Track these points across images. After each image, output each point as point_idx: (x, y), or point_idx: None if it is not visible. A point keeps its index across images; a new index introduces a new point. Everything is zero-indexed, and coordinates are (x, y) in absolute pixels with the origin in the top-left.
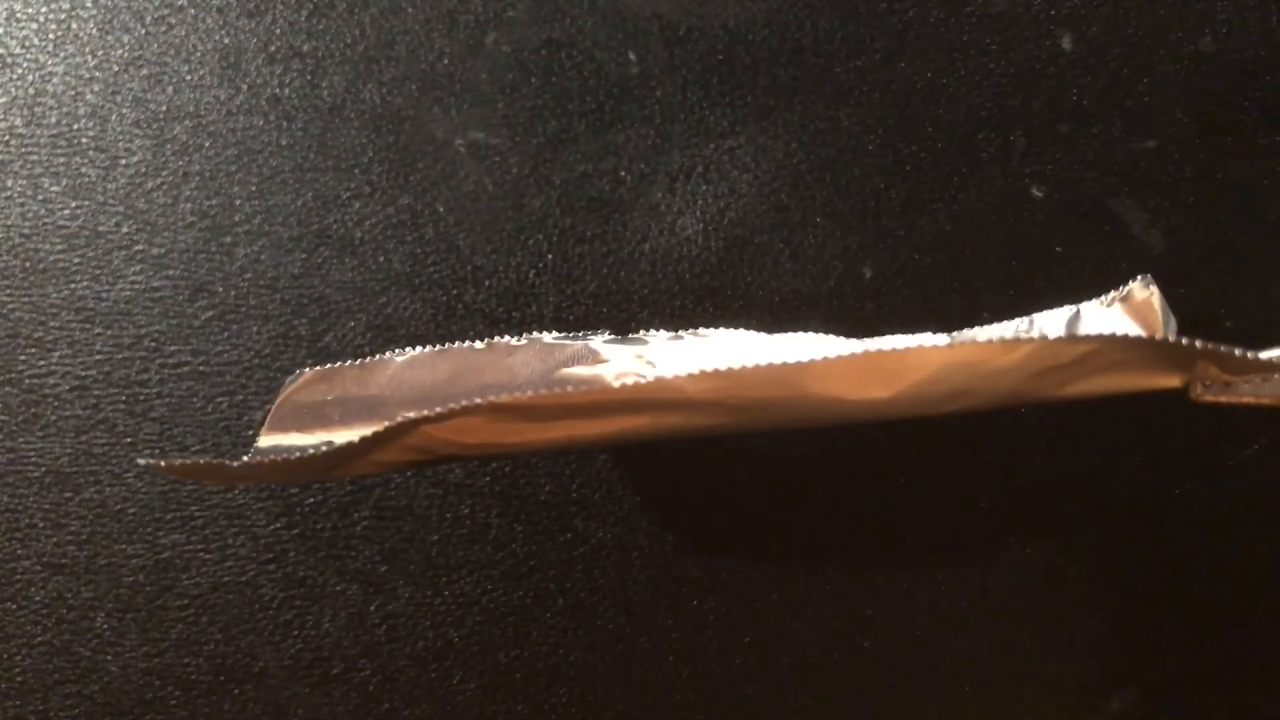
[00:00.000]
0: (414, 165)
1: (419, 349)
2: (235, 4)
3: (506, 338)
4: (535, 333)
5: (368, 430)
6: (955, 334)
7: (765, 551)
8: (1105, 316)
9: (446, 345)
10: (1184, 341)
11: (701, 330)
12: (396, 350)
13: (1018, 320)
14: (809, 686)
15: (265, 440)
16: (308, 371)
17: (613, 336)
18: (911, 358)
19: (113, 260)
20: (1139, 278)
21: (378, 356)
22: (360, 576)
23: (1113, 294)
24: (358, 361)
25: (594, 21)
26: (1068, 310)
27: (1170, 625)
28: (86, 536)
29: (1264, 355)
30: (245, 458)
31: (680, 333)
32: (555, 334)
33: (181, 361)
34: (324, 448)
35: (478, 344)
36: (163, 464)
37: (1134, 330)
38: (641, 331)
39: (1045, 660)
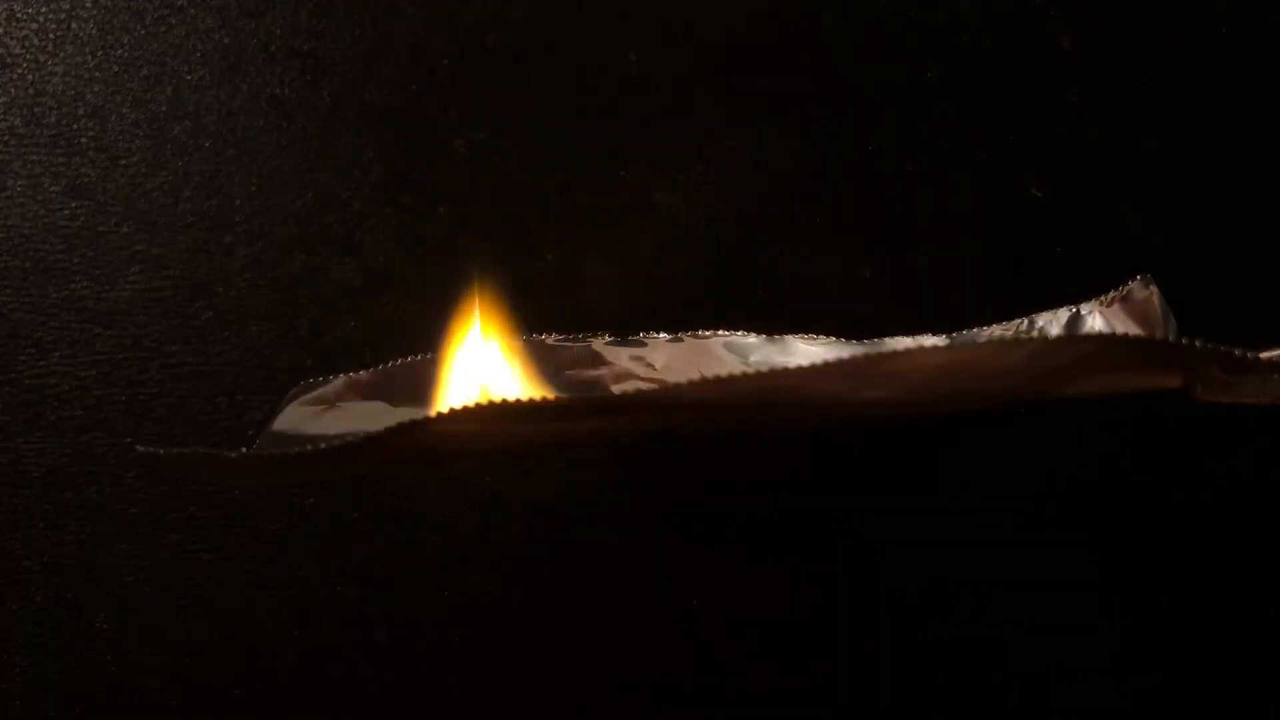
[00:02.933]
0: (414, 165)
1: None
2: (235, 4)
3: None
4: (535, 334)
5: (369, 430)
6: (955, 334)
7: (765, 551)
8: (1105, 316)
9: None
10: (1184, 341)
11: (701, 332)
12: (397, 353)
13: (1018, 320)
14: (809, 686)
15: (266, 439)
16: (311, 381)
17: (613, 338)
18: (911, 358)
19: (113, 260)
20: (1139, 277)
21: (380, 363)
22: (360, 576)
23: (1113, 294)
24: (360, 373)
25: (594, 22)
26: (1068, 310)
27: (1170, 625)
28: (87, 536)
29: (1264, 355)
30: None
31: (680, 335)
32: (556, 335)
33: (181, 361)
34: (324, 445)
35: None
36: (161, 453)
37: (1134, 330)
38: (641, 333)
39: (1045, 660)
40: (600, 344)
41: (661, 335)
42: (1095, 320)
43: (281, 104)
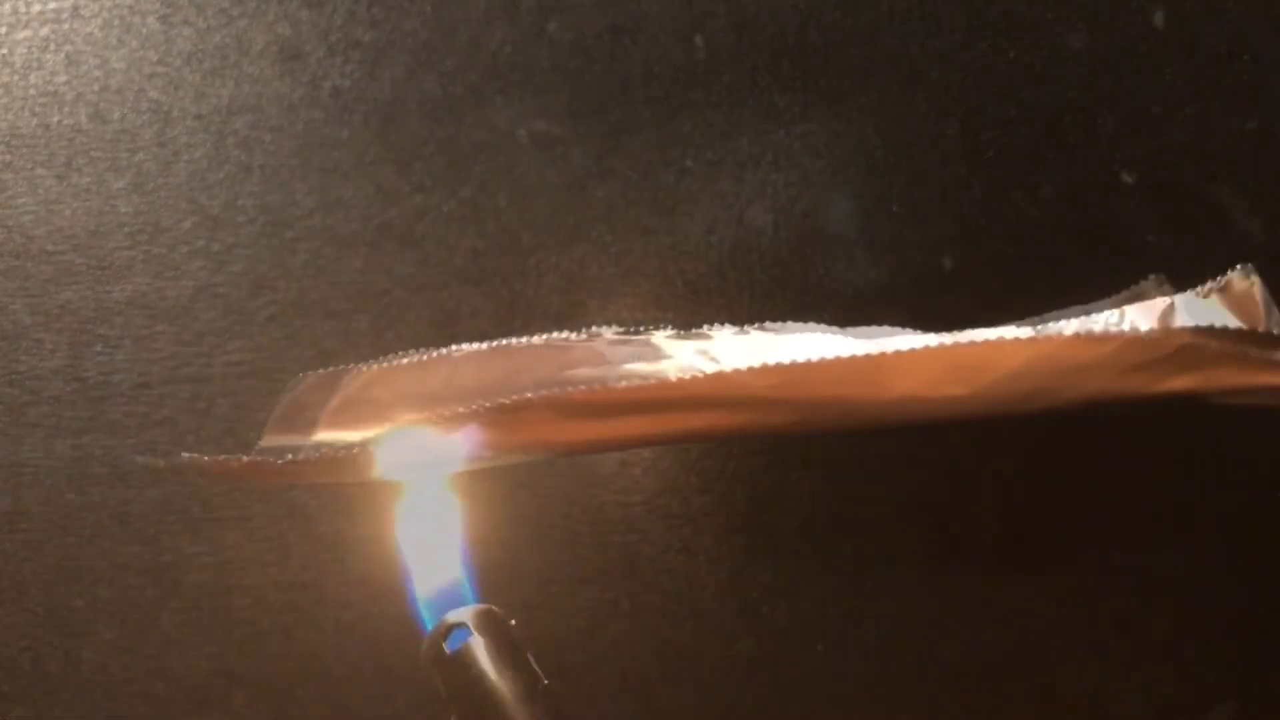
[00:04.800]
0: (475, 156)
1: (474, 345)
2: None
3: (566, 333)
4: (596, 328)
5: (428, 418)
6: (1040, 327)
7: (839, 556)
8: (1201, 308)
9: (502, 341)
10: None
11: (769, 325)
12: (454, 346)
13: (1106, 313)
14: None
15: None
16: (368, 367)
17: (675, 331)
18: (992, 352)
19: (175, 256)
20: (1238, 267)
21: (434, 353)
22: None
23: (1210, 285)
24: (420, 357)
25: (658, 5)
26: (1161, 302)
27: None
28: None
29: None
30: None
31: (745, 327)
32: (616, 329)
33: (243, 359)
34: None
35: (535, 339)
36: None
37: (1233, 323)
38: (705, 325)
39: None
40: (661, 337)
41: (727, 327)
42: (1191, 312)
43: (341, 96)
